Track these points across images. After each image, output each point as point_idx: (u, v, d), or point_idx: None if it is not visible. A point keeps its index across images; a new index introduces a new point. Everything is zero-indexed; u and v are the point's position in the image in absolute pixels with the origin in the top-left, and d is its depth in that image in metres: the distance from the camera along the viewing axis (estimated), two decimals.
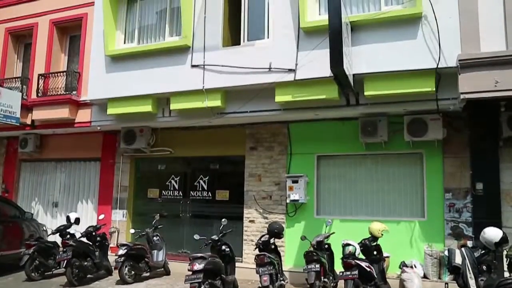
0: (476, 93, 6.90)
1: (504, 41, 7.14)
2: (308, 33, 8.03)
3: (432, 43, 7.29)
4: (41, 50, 11.63)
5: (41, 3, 11.86)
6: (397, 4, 7.77)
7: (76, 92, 10.79)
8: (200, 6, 9.12)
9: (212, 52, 8.81)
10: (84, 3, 11.11)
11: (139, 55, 9.54)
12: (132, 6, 10.29)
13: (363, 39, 7.64)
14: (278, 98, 8.19)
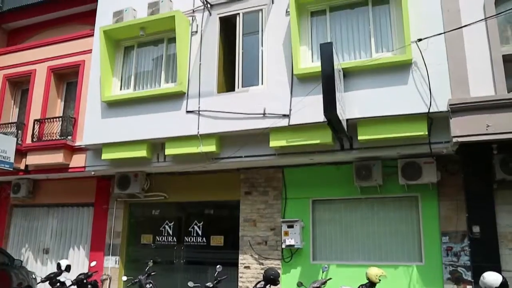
0: (468, 136, 7.00)
1: (492, 85, 7.31)
2: (301, 79, 8.21)
3: (423, 88, 7.45)
4: (37, 96, 11.74)
5: (40, 50, 12.09)
6: (387, 51, 7.99)
7: (71, 137, 10.82)
8: (195, 53, 9.35)
9: (207, 98, 8.95)
10: (82, 50, 11.34)
11: (135, 101, 9.67)
12: (129, 54, 10.53)
13: (356, 85, 7.81)
14: (273, 143, 8.25)
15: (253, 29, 9.12)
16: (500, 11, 7.58)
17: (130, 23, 9.93)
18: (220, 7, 9.44)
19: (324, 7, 8.63)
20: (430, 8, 7.74)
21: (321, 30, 8.62)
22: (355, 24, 8.46)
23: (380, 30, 8.25)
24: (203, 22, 9.50)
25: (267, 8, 8.95)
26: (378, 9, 8.36)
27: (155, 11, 9.76)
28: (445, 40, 7.52)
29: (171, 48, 9.98)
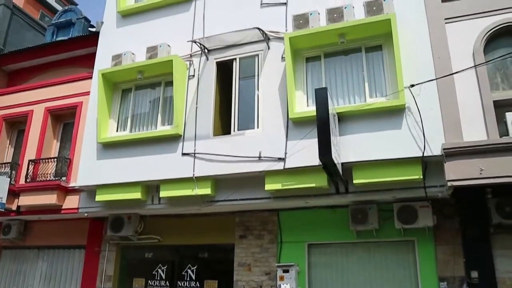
0: (462, 180, 7.02)
1: (485, 130, 7.42)
2: (296, 123, 8.30)
3: (416, 133, 7.54)
4: (33, 136, 11.76)
5: (38, 92, 12.23)
6: (381, 96, 8.14)
7: (65, 178, 10.76)
8: (192, 96, 9.50)
9: (203, 141, 9.00)
10: (80, 92, 11.48)
11: (131, 143, 9.71)
12: (126, 96, 10.67)
13: (350, 129, 7.90)
14: (268, 186, 8.24)
15: (249, 73, 9.33)
16: (488, 59, 7.81)
17: (128, 66, 10.13)
18: (217, 52, 9.68)
19: (319, 53, 8.87)
20: (422, 55, 7.95)
21: (316, 75, 8.82)
22: (349, 70, 8.66)
23: (374, 75, 8.44)
24: (200, 66, 9.72)
25: (263, 53, 9.19)
26: (371, 55, 8.60)
27: (154, 55, 9.98)
28: (437, 85, 7.69)
29: (168, 91, 10.14)
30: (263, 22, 9.24)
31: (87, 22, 13.93)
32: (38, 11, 18.42)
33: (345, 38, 8.46)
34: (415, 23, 8.19)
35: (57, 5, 19.46)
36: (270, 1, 9.48)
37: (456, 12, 8.15)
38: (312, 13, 8.72)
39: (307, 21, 8.70)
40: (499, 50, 7.93)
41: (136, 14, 11.06)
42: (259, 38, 9.20)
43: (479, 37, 7.88)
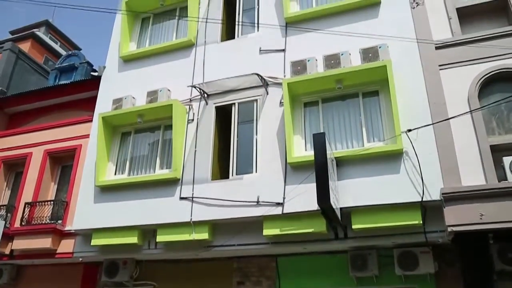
0: (462, 225, 6.94)
1: (483, 174, 7.41)
2: (295, 167, 8.31)
3: (415, 177, 7.53)
4: (31, 179, 11.73)
5: (38, 134, 12.33)
6: (379, 140, 8.19)
7: (61, 221, 10.64)
8: (191, 140, 9.57)
9: (201, 185, 8.98)
10: (80, 135, 11.57)
11: (129, 186, 9.67)
12: (126, 139, 10.75)
13: (349, 174, 7.90)
14: (266, 231, 8.13)
15: (248, 118, 9.44)
16: (483, 104, 7.92)
17: (128, 110, 10.26)
18: (216, 97, 9.84)
19: (317, 98, 9.01)
20: (418, 100, 8.07)
21: (314, 120, 8.92)
22: (347, 115, 8.77)
23: (371, 120, 8.53)
24: (200, 110, 9.85)
25: (262, 98, 9.34)
26: (368, 101, 8.72)
27: (154, 99, 10.13)
28: (434, 130, 7.75)
29: (167, 134, 10.22)
30: (262, 68, 9.45)
31: (90, 67, 14.25)
32: (42, 56, 18.87)
33: (342, 84, 8.62)
34: (411, 69, 8.37)
35: (61, 50, 19.96)
36: (269, 47, 9.74)
37: (450, 59, 8.34)
38: (309, 60, 8.93)
39: (305, 67, 8.90)
40: (493, 95, 8.04)
41: (138, 59, 11.33)
42: (257, 84, 9.37)
43: (473, 83, 8.02)
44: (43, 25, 21.21)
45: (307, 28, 9.42)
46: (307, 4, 10.20)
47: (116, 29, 12.20)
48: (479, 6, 8.91)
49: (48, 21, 21.41)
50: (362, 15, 9.24)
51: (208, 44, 10.57)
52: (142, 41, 11.94)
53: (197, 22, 10.90)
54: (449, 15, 8.82)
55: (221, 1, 11.17)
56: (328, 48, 9.02)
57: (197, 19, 10.77)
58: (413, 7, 9.03)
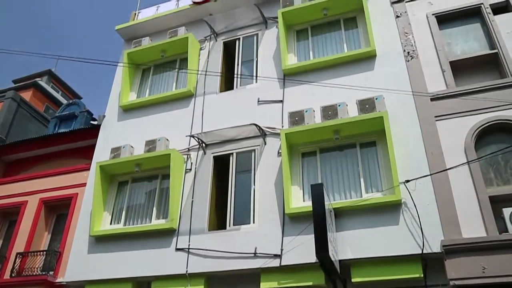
0: (465, 279, 6.79)
1: (483, 226, 7.31)
2: (293, 218, 8.22)
3: (414, 229, 7.44)
4: (25, 228, 11.53)
5: (35, 182, 12.25)
6: (377, 191, 8.15)
7: (53, 272, 10.35)
8: (188, 190, 9.52)
9: (198, 235, 8.85)
10: (76, 183, 11.49)
11: (124, 236, 9.52)
12: (123, 188, 10.69)
13: (347, 225, 7.81)
14: (264, 284, 7.92)
15: (245, 167, 9.45)
16: (480, 155, 7.96)
17: (126, 159, 10.27)
18: (214, 147, 9.89)
19: (315, 149, 9.06)
20: (415, 151, 8.13)
21: (312, 170, 8.92)
22: (345, 165, 8.78)
23: (369, 170, 8.54)
24: (198, 160, 9.87)
25: (260, 148, 9.39)
26: (366, 151, 8.76)
27: (152, 148, 10.16)
28: (432, 181, 7.74)
29: (165, 183, 10.17)
30: (260, 118, 9.59)
31: (90, 115, 14.38)
32: (43, 104, 19.11)
33: (339, 134, 8.71)
34: (407, 120, 8.49)
35: (62, 99, 20.24)
36: (267, 98, 9.93)
37: (445, 110, 8.47)
38: (307, 110, 9.06)
39: (303, 117, 9.01)
40: (490, 146, 8.10)
41: (137, 108, 11.49)
42: (255, 134, 9.46)
43: (469, 134, 8.10)
44: (45, 74, 21.61)
45: (305, 79, 9.65)
46: (305, 56, 10.51)
47: (117, 79, 12.46)
48: (471, 60, 9.17)
49: (50, 71, 21.85)
50: (358, 68, 9.50)
51: (207, 95, 10.78)
52: (142, 91, 12.15)
53: (197, 71, 11.15)
54: (443, 68, 9.05)
55: (220, 53, 11.50)
56: (325, 99, 9.18)
57: (197, 71, 11.01)
58: (407, 60, 9.29)
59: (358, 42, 10.16)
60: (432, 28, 9.72)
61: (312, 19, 10.83)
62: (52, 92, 20.29)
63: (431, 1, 10.22)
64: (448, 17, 9.88)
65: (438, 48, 9.35)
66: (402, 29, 9.78)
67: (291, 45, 10.70)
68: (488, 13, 9.52)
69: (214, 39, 11.84)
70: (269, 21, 11.28)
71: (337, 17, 10.69)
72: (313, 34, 10.77)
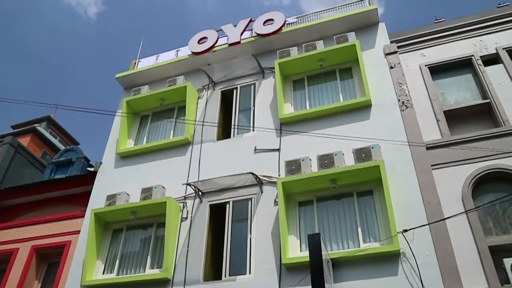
0: None
1: (484, 277, 7.18)
2: (290, 269, 8.05)
3: (414, 280, 7.31)
4: (14, 277, 11.18)
5: (27, 229, 12.00)
6: (375, 241, 8.05)
7: None
8: (184, 239, 9.39)
9: (193, 286, 8.61)
10: (70, 231, 11.29)
11: (117, 286, 9.26)
12: (117, 236, 10.51)
13: (346, 276, 7.65)
14: None
15: (242, 216, 9.35)
16: (478, 204, 7.94)
17: (122, 207, 10.16)
18: (211, 195, 9.84)
19: (311, 197, 9.01)
20: (412, 200, 8.11)
21: (309, 219, 8.83)
22: (342, 214, 8.70)
23: (367, 220, 8.46)
24: (194, 208, 9.80)
25: (256, 197, 9.35)
26: (363, 200, 8.72)
27: (148, 196, 10.09)
28: (430, 230, 7.68)
29: (160, 231, 10.03)
30: (256, 167, 9.61)
31: (86, 162, 14.36)
32: (40, 150, 19.14)
33: (336, 183, 8.70)
34: (403, 169, 8.52)
35: (60, 145, 20.31)
36: (264, 147, 9.99)
37: (441, 159, 8.53)
38: (304, 159, 9.10)
39: (299, 166, 9.02)
40: (487, 194, 8.10)
41: (135, 156, 11.50)
42: (252, 182, 9.45)
43: (466, 183, 8.12)
44: (44, 120, 21.81)
45: (301, 129, 9.80)
46: (301, 106, 10.68)
47: (115, 126, 12.57)
48: (465, 109, 9.36)
49: (50, 117, 22.06)
50: (354, 117, 9.66)
51: (204, 143, 10.85)
52: (140, 138, 12.22)
53: (194, 119, 11.27)
54: (437, 117, 9.21)
55: (218, 102, 11.69)
56: (321, 148, 9.24)
57: (194, 122, 11.11)
58: (402, 109, 9.45)
59: (353, 92, 10.37)
60: (425, 78, 9.97)
61: (308, 70, 11.10)
62: (50, 138, 20.38)
63: (424, 52, 10.56)
64: (440, 68, 10.18)
65: (432, 98, 9.56)
66: (396, 80, 10.02)
67: (287, 94, 10.91)
68: (479, 65, 9.81)
69: (212, 88, 12.06)
70: (266, 71, 11.57)
71: (333, 68, 10.96)
72: (309, 84, 11.02)
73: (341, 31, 11.35)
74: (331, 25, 11.50)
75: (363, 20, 11.34)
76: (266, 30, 12.01)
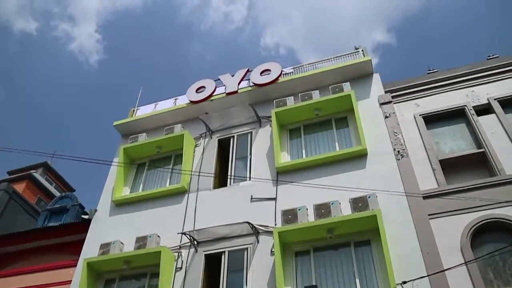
0: None
1: None
2: None
3: None
4: None
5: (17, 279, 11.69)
6: None
7: None
8: None
9: None
10: (61, 280, 11.00)
11: None
12: (110, 287, 10.19)
13: None
14: None
15: (238, 267, 9.14)
16: (477, 254, 7.82)
17: (115, 256, 9.94)
18: (206, 245, 9.67)
19: (308, 247, 8.86)
20: (411, 250, 7.99)
21: (306, 270, 8.63)
22: (339, 265, 8.53)
23: (365, 271, 8.28)
24: (189, 258, 9.61)
25: (253, 247, 9.20)
26: (360, 250, 8.57)
27: (142, 245, 9.90)
28: (430, 282, 7.51)
29: (154, 281, 9.75)
30: (253, 216, 9.49)
31: (81, 209, 14.19)
32: (35, 196, 18.97)
33: (333, 233, 8.58)
34: (401, 219, 8.46)
35: (56, 191, 20.14)
36: (260, 196, 9.95)
37: (438, 209, 8.50)
38: (300, 209, 9.02)
39: (296, 216, 8.94)
40: (486, 245, 8.00)
41: (130, 204, 11.39)
42: (248, 232, 9.32)
43: (464, 233, 8.05)
44: (41, 166, 21.72)
45: (298, 177, 9.82)
46: (297, 154, 10.74)
47: (112, 173, 12.51)
48: (460, 158, 9.44)
49: (47, 163, 21.99)
50: (350, 166, 9.70)
51: (200, 191, 10.79)
52: (136, 186, 12.15)
53: (191, 168, 11.27)
54: (433, 166, 9.25)
55: (215, 150, 11.75)
56: (318, 197, 9.18)
57: (191, 172, 11.10)
58: (398, 158, 9.51)
59: (349, 141, 10.46)
60: (420, 128, 10.10)
61: (305, 119, 11.26)
62: (46, 184, 20.27)
63: (418, 102, 10.76)
64: (434, 118, 10.34)
65: (427, 147, 9.64)
66: (391, 129, 10.14)
67: (284, 143, 10.99)
68: (472, 114, 9.98)
69: (209, 136, 12.15)
70: (263, 120, 11.71)
71: (329, 117, 11.11)
72: (305, 133, 11.13)
73: (336, 81, 11.59)
74: (326, 76, 11.77)
75: (358, 70, 11.63)
76: (263, 80, 12.26)
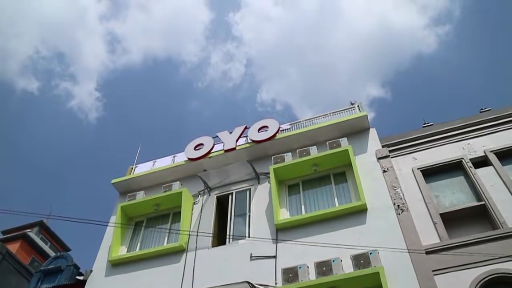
0: None
1: None
2: None
3: None
4: None
5: None
6: None
7: None
8: None
9: None
10: None
11: None
12: None
13: None
14: None
15: None
16: None
17: None
18: None
19: None
20: None
21: None
22: None
23: None
24: None
25: None
26: None
27: None
28: None
29: None
30: (252, 275, 9.22)
31: (76, 269, 13.76)
32: (29, 256, 18.55)
33: None
34: (404, 276, 8.25)
35: (50, 251, 19.71)
36: (260, 254, 9.72)
37: (441, 264, 8.30)
38: (301, 267, 8.79)
39: (297, 274, 8.69)
40: None
41: (127, 263, 11.07)
42: None
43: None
44: (37, 225, 21.38)
45: (298, 234, 9.68)
46: (297, 211, 10.63)
47: (109, 231, 12.25)
48: (461, 211, 9.34)
49: (42, 222, 21.65)
50: (350, 222, 9.58)
51: (199, 250, 10.55)
52: (133, 244, 11.89)
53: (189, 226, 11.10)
54: (434, 220, 9.14)
55: (213, 207, 11.62)
56: (319, 254, 8.98)
57: (189, 232, 10.93)
58: (398, 213, 9.41)
59: (348, 196, 10.40)
60: (418, 181, 10.07)
61: (303, 174, 11.25)
62: (41, 244, 19.87)
63: (415, 156, 10.80)
64: (432, 171, 10.33)
65: (427, 201, 9.57)
66: (390, 183, 10.11)
67: (283, 199, 10.91)
68: (470, 167, 9.99)
69: (207, 194, 12.06)
70: (261, 177, 11.68)
71: (327, 172, 11.12)
72: (304, 188, 11.08)
73: (333, 137, 11.69)
74: (323, 131, 11.89)
75: (354, 125, 11.76)
76: (261, 136, 12.36)
